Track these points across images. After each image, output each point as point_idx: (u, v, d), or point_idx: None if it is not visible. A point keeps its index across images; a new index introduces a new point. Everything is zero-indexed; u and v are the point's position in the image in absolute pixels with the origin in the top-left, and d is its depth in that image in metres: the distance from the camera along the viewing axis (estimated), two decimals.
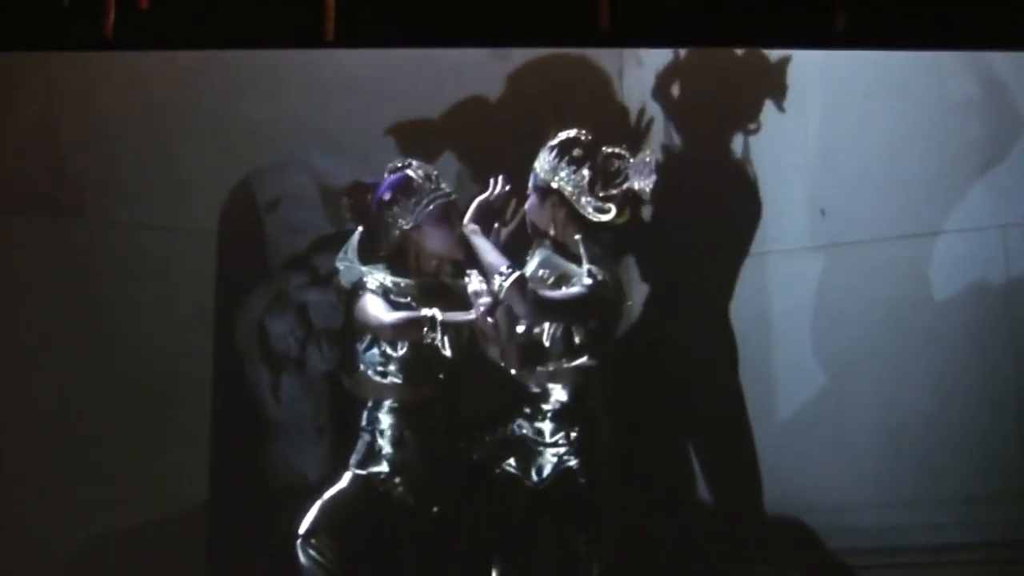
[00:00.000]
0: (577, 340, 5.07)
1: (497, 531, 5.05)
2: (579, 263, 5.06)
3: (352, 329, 5.21)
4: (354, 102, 5.68)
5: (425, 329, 4.97)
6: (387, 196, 5.16)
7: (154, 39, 5.39)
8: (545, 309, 5.03)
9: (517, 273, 4.97)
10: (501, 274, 4.96)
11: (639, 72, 5.84)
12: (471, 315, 4.98)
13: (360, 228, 5.19)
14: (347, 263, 5.16)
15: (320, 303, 5.63)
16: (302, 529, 4.94)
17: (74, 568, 5.34)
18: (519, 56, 5.74)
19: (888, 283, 5.59)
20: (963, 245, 5.55)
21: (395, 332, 5.06)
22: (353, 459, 5.12)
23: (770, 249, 5.72)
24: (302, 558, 4.92)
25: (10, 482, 5.31)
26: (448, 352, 5.03)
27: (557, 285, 5.09)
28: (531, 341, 5.07)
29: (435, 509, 5.08)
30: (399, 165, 5.22)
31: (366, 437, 5.12)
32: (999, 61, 5.53)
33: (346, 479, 5.10)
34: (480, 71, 5.74)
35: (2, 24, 5.35)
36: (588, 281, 5.00)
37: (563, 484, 5.01)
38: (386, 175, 5.21)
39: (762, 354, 5.65)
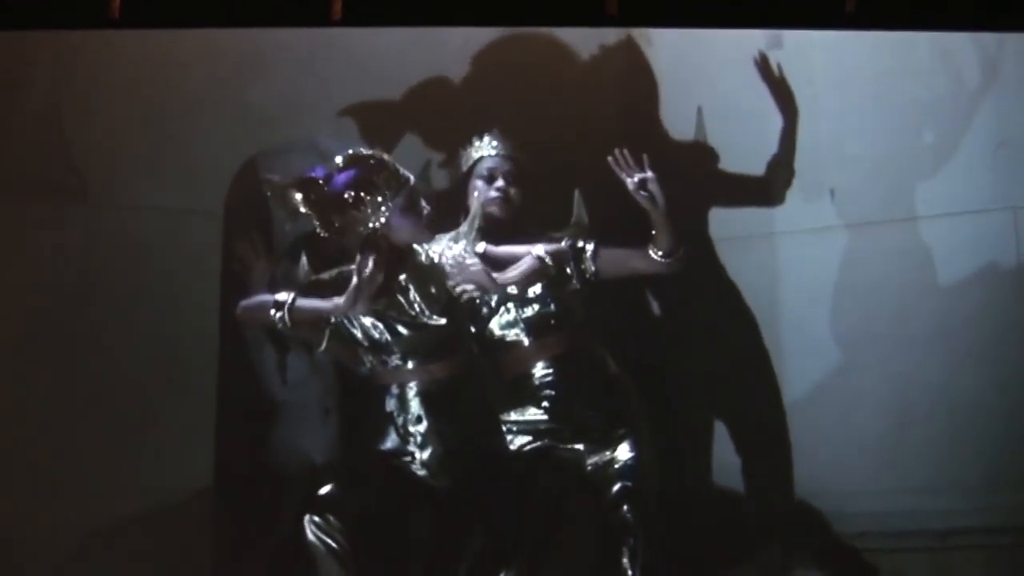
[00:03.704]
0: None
1: (527, 511, 5.03)
2: None
3: None
4: (360, 83, 5.65)
5: (272, 311, 4.96)
6: (349, 196, 4.89)
7: (160, 18, 5.38)
8: None
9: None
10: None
11: (649, 51, 5.82)
12: (329, 305, 4.94)
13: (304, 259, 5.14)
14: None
15: None
16: (312, 506, 4.90)
17: (80, 552, 5.33)
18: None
19: (898, 265, 5.56)
20: (973, 227, 5.50)
21: (243, 313, 5.10)
22: (371, 440, 5.10)
23: (779, 230, 5.70)
24: (309, 535, 4.88)
25: (14, 466, 5.30)
26: (360, 336, 5.01)
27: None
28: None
29: (450, 489, 5.01)
30: (352, 155, 4.96)
31: (381, 418, 5.08)
32: (1009, 42, 5.49)
33: (360, 458, 5.11)
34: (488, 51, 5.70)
35: (8, 3, 5.34)
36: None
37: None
38: (338, 171, 4.94)
39: (770, 337, 5.64)
